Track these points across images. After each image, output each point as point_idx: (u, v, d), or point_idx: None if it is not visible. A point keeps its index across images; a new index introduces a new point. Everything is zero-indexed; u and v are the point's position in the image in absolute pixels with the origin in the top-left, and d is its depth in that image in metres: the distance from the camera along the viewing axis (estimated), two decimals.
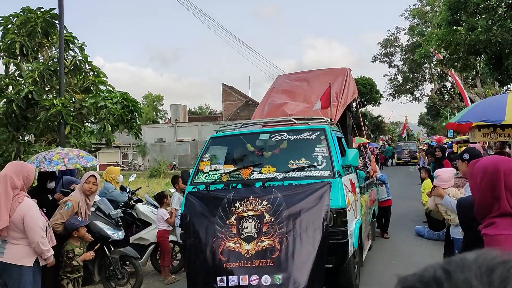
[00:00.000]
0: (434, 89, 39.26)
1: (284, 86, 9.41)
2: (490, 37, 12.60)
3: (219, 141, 6.30)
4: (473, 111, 9.46)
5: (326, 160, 5.29)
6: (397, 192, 14.33)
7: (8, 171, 4.09)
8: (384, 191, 9.27)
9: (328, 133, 5.56)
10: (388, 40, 40.27)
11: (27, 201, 4.09)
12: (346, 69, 9.56)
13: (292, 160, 5.40)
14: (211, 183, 5.48)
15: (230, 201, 5.07)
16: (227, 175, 5.55)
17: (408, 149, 36.46)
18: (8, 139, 9.59)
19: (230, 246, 4.80)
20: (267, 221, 4.80)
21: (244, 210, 4.95)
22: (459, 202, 3.00)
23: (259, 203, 4.94)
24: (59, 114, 8.93)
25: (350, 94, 9.14)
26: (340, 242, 4.88)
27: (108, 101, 9.57)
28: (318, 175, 5.18)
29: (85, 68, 10.30)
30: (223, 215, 5.00)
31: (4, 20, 10.02)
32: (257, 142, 5.97)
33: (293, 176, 5.26)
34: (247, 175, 5.45)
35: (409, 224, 10.16)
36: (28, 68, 9.67)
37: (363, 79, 47.32)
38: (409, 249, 8.08)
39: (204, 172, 5.69)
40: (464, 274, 0.58)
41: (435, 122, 53.08)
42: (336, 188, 5.01)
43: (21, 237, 4.04)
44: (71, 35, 10.22)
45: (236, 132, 6.36)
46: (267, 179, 5.27)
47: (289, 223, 4.74)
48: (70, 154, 6.37)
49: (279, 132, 5.79)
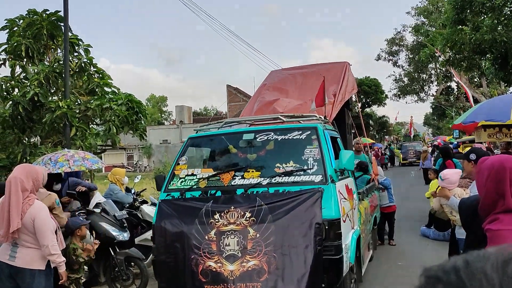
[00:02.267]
0: (439, 89, 39.16)
1: (277, 82, 8.62)
2: (495, 37, 12.55)
3: (198, 142, 5.74)
4: (479, 111, 9.43)
5: (318, 163, 4.66)
6: (401, 193, 14.28)
7: (17, 174, 4.10)
8: (386, 197, 8.55)
9: (321, 132, 4.92)
10: (394, 38, 40.23)
11: (38, 204, 4.10)
12: (345, 63, 8.70)
13: (279, 163, 4.76)
14: (187, 189, 4.86)
15: (209, 212, 4.46)
16: (205, 181, 4.91)
17: (414, 149, 36.28)
18: (14, 141, 9.67)
19: (211, 266, 4.28)
20: (251, 237, 4.25)
21: (225, 223, 4.36)
22: (461, 202, 3.02)
23: (241, 216, 4.35)
24: (64, 116, 8.99)
25: (349, 90, 8.28)
26: (333, 258, 4.26)
27: (113, 102, 9.63)
28: (309, 180, 4.56)
29: (90, 70, 10.37)
30: (201, 229, 4.41)
31: (10, 23, 10.10)
32: (240, 143, 5.35)
33: (279, 181, 4.63)
34: (227, 181, 4.83)
35: (414, 224, 10.13)
36: (33, 70, 9.74)
37: (368, 80, 47.22)
38: (414, 249, 8.05)
39: (180, 177, 5.07)
40: (481, 263, 0.63)
41: (441, 122, 52.91)
42: (328, 195, 4.39)
43: (33, 240, 4.04)
44: (76, 37, 10.30)
45: (217, 132, 5.71)
46: (250, 185, 4.65)
47: (276, 240, 4.19)
48: (75, 156, 6.41)
49: (265, 132, 5.17)
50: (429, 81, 40.96)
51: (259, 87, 8.66)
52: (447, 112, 41.87)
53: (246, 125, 5.99)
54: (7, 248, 4.09)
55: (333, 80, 7.70)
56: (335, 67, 8.54)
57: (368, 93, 46.99)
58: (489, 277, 0.60)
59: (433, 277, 0.65)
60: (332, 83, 7.55)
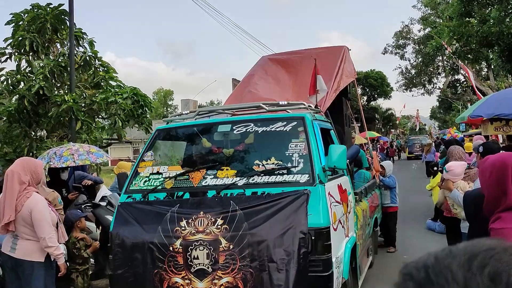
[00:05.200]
0: (446, 82, 38.91)
1: (268, 70, 7.40)
2: (502, 29, 12.44)
3: (167, 134, 5.02)
4: (486, 105, 9.32)
5: (304, 160, 3.94)
6: (406, 186, 14.25)
7: (15, 167, 4.16)
8: (388, 196, 7.65)
9: (309, 123, 4.17)
10: (401, 31, 39.97)
11: (35, 196, 4.13)
12: (343, 47, 7.73)
13: (259, 160, 4.04)
14: (150, 191, 4.16)
15: (174, 218, 3.81)
16: (171, 181, 4.21)
17: (420, 143, 36.19)
18: (20, 135, 9.73)
19: (177, 283, 3.70)
20: (223, 248, 3.59)
21: (193, 231, 3.70)
22: (465, 195, 3.02)
23: (211, 223, 3.69)
24: (70, 110, 9.03)
25: (346, 76, 7.24)
26: (321, 275, 3.58)
27: (118, 96, 9.65)
28: (293, 180, 3.87)
29: (95, 63, 10.39)
30: (164, 238, 3.76)
31: (15, 17, 10.13)
32: (215, 136, 4.65)
33: (258, 182, 3.92)
34: (198, 181, 4.13)
35: (419, 218, 10.11)
36: (39, 64, 9.78)
37: (373, 72, 47.02)
38: (420, 243, 8.03)
39: (144, 176, 4.37)
40: (448, 260, 0.62)
41: (447, 115, 52.63)
42: (316, 199, 3.70)
43: (31, 232, 4.08)
44: (80, 31, 10.32)
45: (189, 122, 4.97)
46: (223, 186, 3.95)
47: (253, 252, 3.54)
48: (80, 150, 6.45)
49: (243, 122, 4.42)
50: (437, 73, 40.69)
51: (248, 75, 7.38)
52: (454, 105, 41.61)
53: (227, 115, 5.15)
54: (9, 240, 4.15)
55: (329, 65, 6.81)
56: (332, 51, 7.61)
57: (374, 86, 46.82)
58: (455, 274, 0.60)
59: (407, 274, 0.64)
60: (328, 68, 6.62)
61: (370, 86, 47.28)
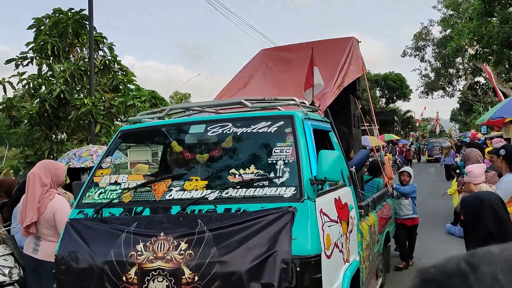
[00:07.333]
0: (466, 84, 38.36)
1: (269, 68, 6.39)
2: None
3: (132, 136, 4.29)
4: (508, 106, 9.19)
5: (291, 169, 3.17)
6: (426, 189, 14.04)
7: (35, 170, 4.23)
8: (409, 207, 6.86)
9: (298, 124, 3.41)
10: (420, 33, 39.59)
11: (58, 198, 4.20)
12: (351, 38, 6.62)
13: (235, 169, 3.29)
14: (104, 205, 3.45)
15: (130, 241, 3.09)
16: (130, 193, 3.49)
17: (440, 145, 35.65)
18: (41, 138, 9.92)
19: None
20: (187, 280, 2.86)
21: (151, 257, 2.98)
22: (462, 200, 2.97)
23: (173, 247, 2.97)
24: (89, 113, 9.17)
25: (352, 71, 6.15)
26: None
27: (136, 99, 9.79)
28: (275, 195, 3.08)
29: (114, 67, 10.55)
30: (117, 266, 3.05)
31: (37, 22, 10.33)
32: (187, 138, 3.88)
33: (233, 196, 3.16)
34: (161, 193, 3.39)
35: (439, 222, 9.96)
36: (59, 68, 9.96)
37: (392, 75, 46.63)
38: (439, 247, 7.90)
39: (100, 187, 3.64)
40: (490, 268, 0.58)
41: (468, 117, 51.81)
42: (303, 218, 2.92)
43: (54, 234, 4.13)
44: (100, 35, 10.48)
45: (157, 122, 4.17)
46: (190, 200, 3.22)
47: (223, 286, 2.81)
48: (99, 152, 6.55)
49: (220, 122, 3.66)
50: (457, 75, 40.15)
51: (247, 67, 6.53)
52: (474, 107, 40.96)
53: (209, 113, 4.23)
54: (31, 241, 4.21)
55: (333, 58, 5.98)
56: (338, 43, 6.62)
57: (393, 88, 46.42)
58: (501, 283, 0.56)
59: (432, 281, 0.59)
60: (332, 61, 5.84)
61: (389, 88, 46.89)
